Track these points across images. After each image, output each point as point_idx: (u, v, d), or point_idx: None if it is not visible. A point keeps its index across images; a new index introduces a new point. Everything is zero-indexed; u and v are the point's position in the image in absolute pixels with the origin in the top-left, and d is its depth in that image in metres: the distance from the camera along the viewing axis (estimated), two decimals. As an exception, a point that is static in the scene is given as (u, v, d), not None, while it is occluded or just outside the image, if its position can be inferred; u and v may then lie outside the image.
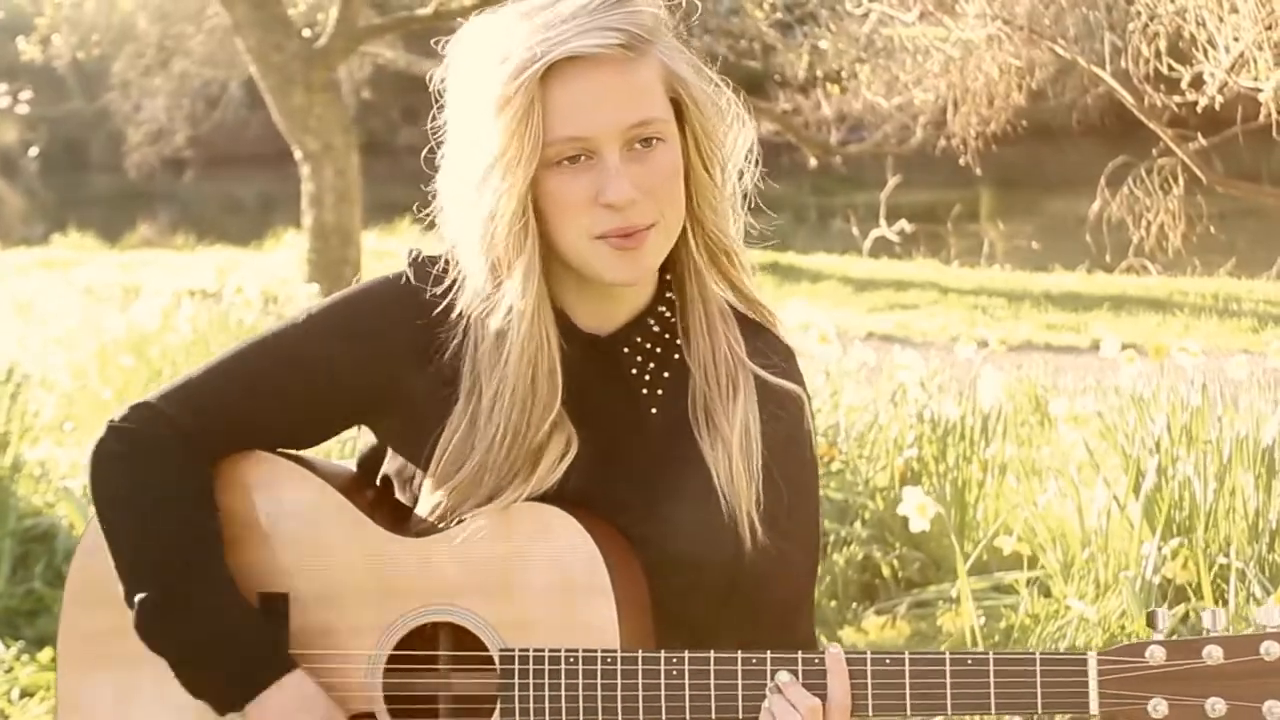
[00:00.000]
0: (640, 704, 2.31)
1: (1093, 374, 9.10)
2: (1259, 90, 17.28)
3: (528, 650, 2.33)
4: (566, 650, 2.32)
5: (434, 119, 2.40)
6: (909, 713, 2.28)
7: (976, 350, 7.60)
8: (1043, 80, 19.92)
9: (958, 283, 15.47)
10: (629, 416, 2.43)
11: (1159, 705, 2.20)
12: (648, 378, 2.44)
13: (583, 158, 2.28)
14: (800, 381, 2.52)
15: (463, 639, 2.38)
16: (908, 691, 2.26)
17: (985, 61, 15.49)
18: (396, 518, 2.45)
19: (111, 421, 2.44)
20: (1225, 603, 4.74)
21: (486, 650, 2.36)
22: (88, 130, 30.32)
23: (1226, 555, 4.99)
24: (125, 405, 2.47)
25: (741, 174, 2.45)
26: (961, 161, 14.72)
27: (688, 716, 2.30)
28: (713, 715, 2.30)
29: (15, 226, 25.02)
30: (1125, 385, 6.36)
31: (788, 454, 2.45)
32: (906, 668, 2.26)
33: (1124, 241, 17.52)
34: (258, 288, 8.97)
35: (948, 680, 2.25)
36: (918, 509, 4.58)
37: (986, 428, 6.02)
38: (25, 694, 5.22)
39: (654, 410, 2.43)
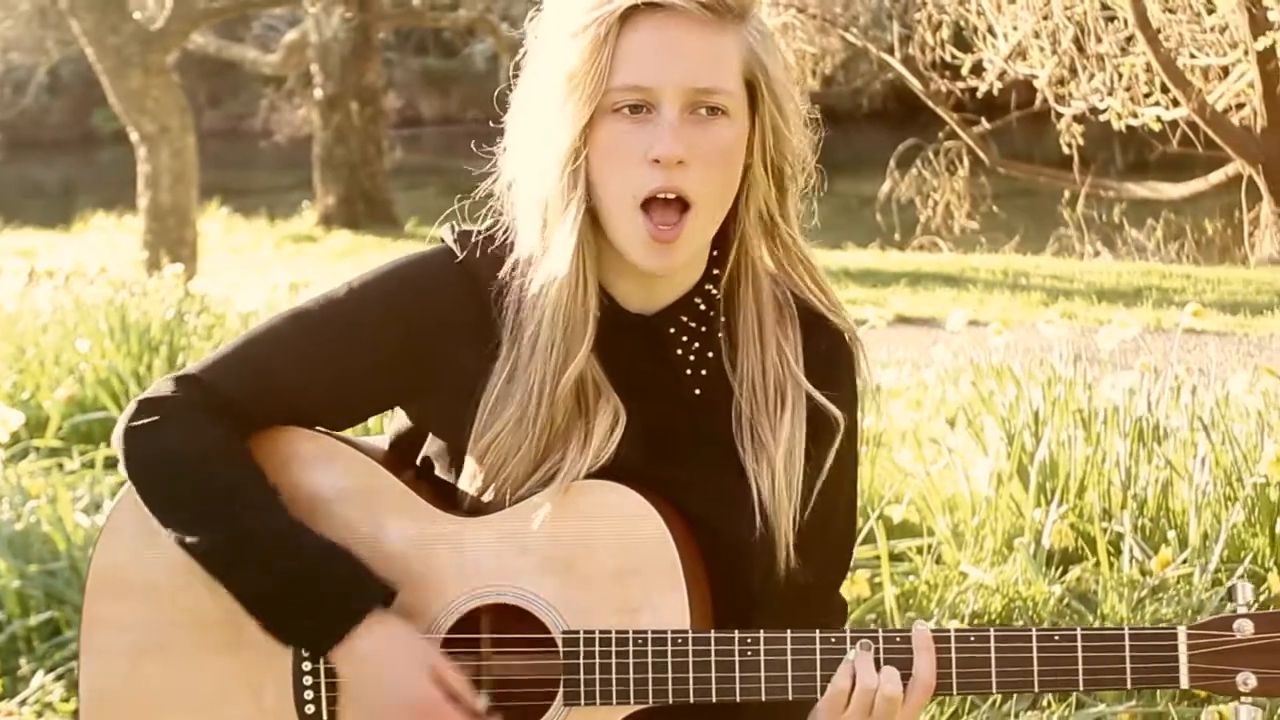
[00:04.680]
0: (713, 685, 2.16)
1: (901, 346, 9.13)
2: (1034, 76, 17.64)
3: (593, 632, 2.17)
4: (635, 631, 2.17)
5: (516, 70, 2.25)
6: (994, 690, 2.16)
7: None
8: (834, 67, 20.15)
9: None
10: (674, 396, 2.26)
11: (1248, 678, 2.11)
12: (692, 357, 2.27)
13: (643, 110, 2.13)
14: (852, 385, 2.35)
15: (521, 621, 2.21)
16: (993, 669, 2.14)
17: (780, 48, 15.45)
18: (443, 498, 2.27)
19: (140, 396, 2.25)
20: (1115, 566, 4.71)
21: (547, 632, 2.19)
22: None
23: (1106, 521, 4.97)
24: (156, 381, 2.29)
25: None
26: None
27: (762, 698, 2.17)
28: (789, 696, 2.17)
29: None
30: (962, 357, 6.35)
31: (828, 474, 2.30)
32: (992, 644, 2.14)
33: (911, 220, 17.76)
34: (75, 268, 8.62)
35: (1035, 657, 2.13)
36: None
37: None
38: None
39: (698, 391, 2.27)
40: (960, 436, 5.73)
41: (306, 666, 2.23)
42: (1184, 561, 4.61)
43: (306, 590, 2.18)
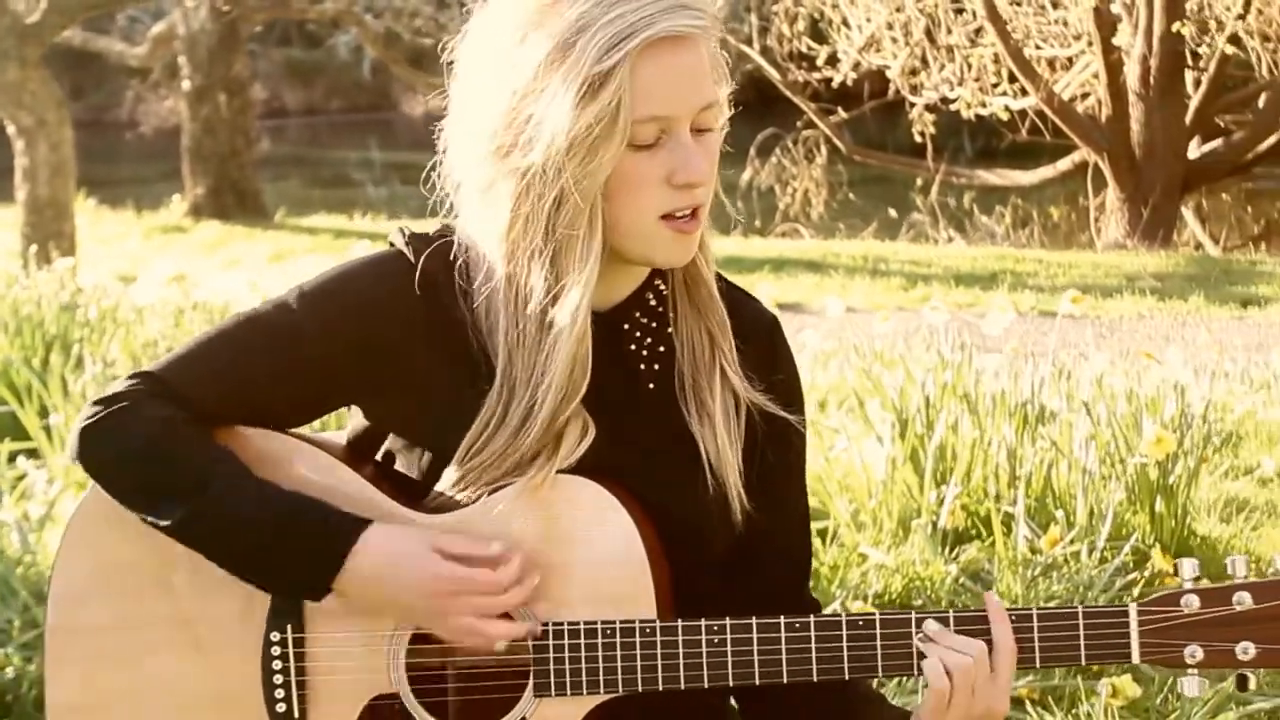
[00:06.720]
0: (681, 674, 2.17)
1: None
2: (887, 67, 17.83)
3: (563, 624, 2.17)
4: (604, 622, 2.17)
5: (444, 86, 2.22)
6: None
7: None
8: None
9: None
10: (628, 391, 2.27)
11: (1195, 652, 2.15)
12: (644, 352, 2.28)
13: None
14: (784, 353, 2.40)
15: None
16: None
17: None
18: (405, 494, 2.25)
19: (95, 398, 2.21)
20: (1008, 545, 4.78)
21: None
22: None
23: (998, 501, 5.05)
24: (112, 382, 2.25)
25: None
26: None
27: (729, 683, 2.18)
28: (756, 681, 2.18)
29: None
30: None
31: (771, 430, 2.33)
32: (951, 627, 2.17)
33: (771, 207, 17.90)
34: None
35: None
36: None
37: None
38: None
39: (651, 385, 2.28)
40: (847, 419, 5.78)
41: (277, 666, 2.21)
42: (1072, 540, 4.69)
43: (291, 536, 2.16)
